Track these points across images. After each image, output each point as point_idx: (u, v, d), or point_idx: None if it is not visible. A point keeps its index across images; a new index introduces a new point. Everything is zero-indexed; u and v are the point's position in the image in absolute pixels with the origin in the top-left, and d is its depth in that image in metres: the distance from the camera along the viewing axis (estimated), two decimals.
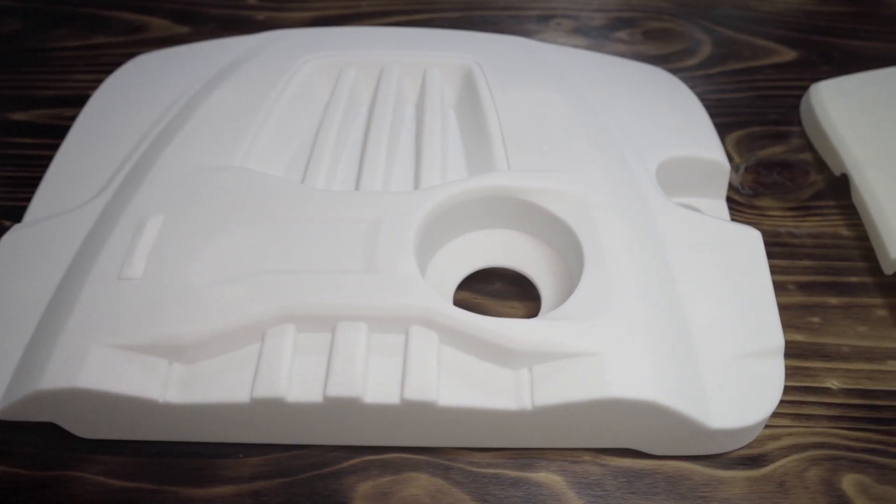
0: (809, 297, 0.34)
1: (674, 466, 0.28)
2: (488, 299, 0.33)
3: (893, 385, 0.31)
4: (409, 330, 0.26)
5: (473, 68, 0.37)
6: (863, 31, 0.50)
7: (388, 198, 0.29)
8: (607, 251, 0.28)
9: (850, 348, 0.32)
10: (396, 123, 0.35)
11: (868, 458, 0.29)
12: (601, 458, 0.28)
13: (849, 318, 0.33)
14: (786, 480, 0.28)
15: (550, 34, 0.49)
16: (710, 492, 0.28)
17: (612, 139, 0.34)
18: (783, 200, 0.38)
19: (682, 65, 0.47)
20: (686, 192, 0.35)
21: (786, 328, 0.33)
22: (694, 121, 0.36)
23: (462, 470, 0.28)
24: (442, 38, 0.40)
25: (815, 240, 0.37)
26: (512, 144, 0.32)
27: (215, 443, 0.28)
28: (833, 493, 0.28)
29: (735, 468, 0.28)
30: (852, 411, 0.30)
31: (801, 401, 0.30)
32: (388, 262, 0.27)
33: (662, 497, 0.27)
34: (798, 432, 0.29)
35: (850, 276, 0.35)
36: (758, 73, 0.47)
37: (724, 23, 0.50)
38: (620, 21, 0.50)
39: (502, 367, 0.26)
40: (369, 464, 0.28)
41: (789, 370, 0.31)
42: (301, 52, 0.38)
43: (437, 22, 0.49)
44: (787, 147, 0.41)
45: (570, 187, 0.30)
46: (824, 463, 0.28)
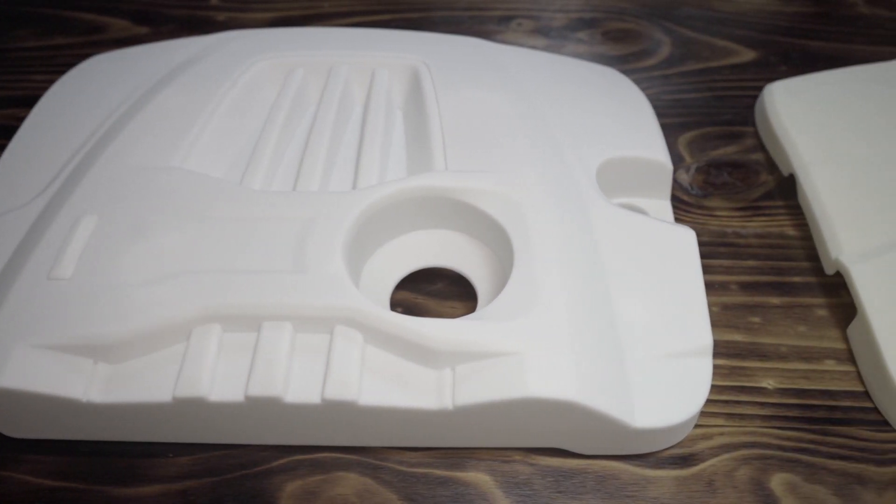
0: (751, 297, 0.34)
1: (603, 466, 0.28)
2: (429, 299, 0.33)
3: (829, 385, 0.31)
4: (334, 330, 0.26)
5: (421, 69, 0.37)
6: (824, 31, 0.50)
7: (320, 198, 0.29)
8: (536, 251, 0.28)
9: (789, 348, 0.32)
10: (340, 124, 0.35)
11: (798, 458, 0.29)
12: (531, 458, 0.28)
13: (789, 318, 0.33)
14: (714, 480, 0.28)
15: (511, 35, 0.49)
16: (638, 491, 0.28)
17: (554, 139, 0.34)
18: (732, 201, 0.39)
19: (640, 65, 0.47)
20: (630, 193, 0.35)
21: (725, 328, 0.33)
22: (640, 122, 0.36)
23: (391, 469, 0.28)
24: (393, 39, 0.40)
25: (761, 240, 0.37)
26: (452, 145, 0.32)
27: (146, 442, 0.28)
28: (761, 493, 0.28)
29: (664, 467, 0.28)
30: (786, 411, 0.30)
31: (736, 400, 0.30)
32: (316, 263, 0.27)
33: (590, 496, 0.27)
34: (730, 432, 0.29)
35: (794, 276, 0.35)
36: (716, 73, 0.47)
37: (686, 23, 0.50)
38: (581, 22, 0.50)
39: (425, 366, 0.26)
40: (299, 463, 0.28)
41: (726, 370, 0.31)
42: (251, 53, 0.38)
43: (397, 22, 0.50)
44: (739, 147, 0.42)
45: (503, 187, 0.30)
46: (754, 462, 0.28)
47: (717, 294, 0.34)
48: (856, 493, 0.28)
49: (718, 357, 0.32)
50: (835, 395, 0.31)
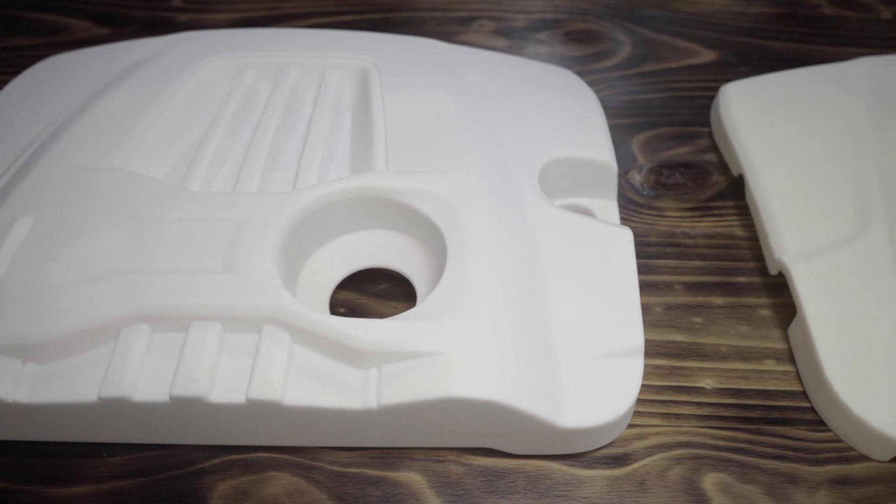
0: (695, 298, 0.34)
1: (536, 466, 0.28)
2: (372, 299, 0.33)
3: (768, 385, 0.31)
4: (263, 330, 0.26)
5: (370, 69, 0.37)
6: (785, 32, 0.50)
7: (255, 199, 0.29)
8: (469, 251, 0.28)
9: (729, 348, 0.32)
10: (286, 125, 0.35)
11: (732, 458, 0.29)
12: (464, 458, 0.28)
13: (732, 318, 0.33)
14: (647, 479, 0.28)
15: (472, 35, 0.49)
16: (569, 491, 0.28)
17: (498, 140, 0.34)
18: (683, 201, 0.39)
19: (599, 66, 0.47)
20: (576, 193, 0.35)
21: (667, 328, 0.33)
22: (588, 122, 0.36)
23: (324, 469, 0.28)
24: (345, 40, 0.40)
25: (708, 240, 0.37)
26: (394, 145, 0.32)
27: (82, 442, 0.28)
28: (693, 492, 0.28)
29: (597, 467, 0.28)
30: (723, 410, 0.30)
31: (673, 400, 0.30)
32: (246, 263, 0.27)
33: (521, 496, 0.27)
34: (666, 431, 0.29)
35: (739, 277, 0.35)
36: (674, 74, 0.47)
37: (648, 24, 0.51)
38: (543, 22, 0.50)
39: (352, 367, 0.26)
40: (232, 463, 0.28)
41: (665, 370, 0.31)
42: (202, 55, 0.38)
43: (359, 23, 0.50)
44: (693, 148, 0.42)
45: (440, 187, 0.30)
46: (688, 462, 0.29)
47: (661, 294, 0.34)
48: (787, 493, 0.28)
49: (658, 357, 0.32)
50: (773, 395, 0.31)
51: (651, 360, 0.32)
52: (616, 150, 0.41)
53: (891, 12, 0.53)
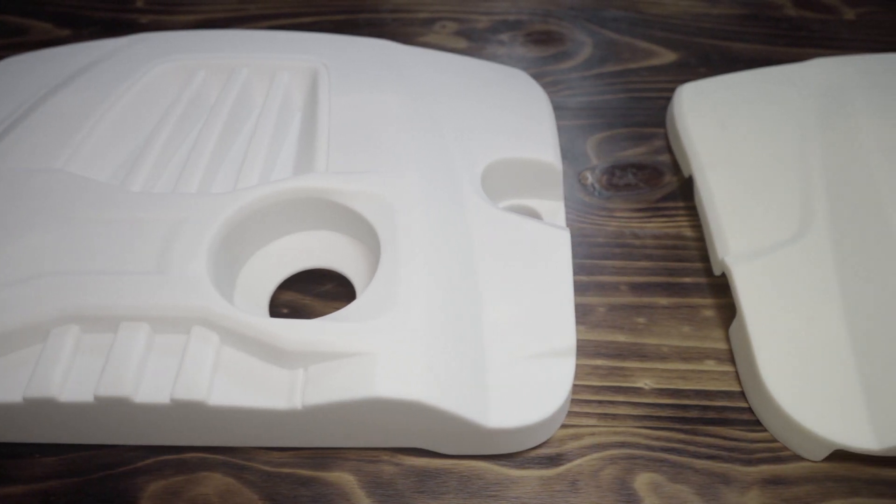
0: (640, 298, 0.34)
1: (469, 466, 0.28)
2: (316, 300, 0.33)
3: (706, 385, 0.31)
4: (191, 330, 0.26)
5: (320, 70, 0.37)
6: (748, 33, 0.51)
7: (191, 200, 0.30)
8: (401, 252, 0.28)
9: (670, 348, 0.32)
10: (233, 126, 0.35)
11: (666, 458, 0.29)
12: (398, 458, 0.28)
13: (675, 319, 0.33)
14: (579, 479, 0.28)
15: (433, 37, 0.49)
16: (500, 490, 0.28)
17: (442, 141, 0.34)
18: (634, 202, 0.39)
19: (559, 67, 0.47)
20: (522, 194, 0.35)
21: (609, 329, 0.33)
22: (535, 124, 0.36)
23: (256, 469, 0.28)
24: (299, 41, 0.40)
25: (657, 241, 0.37)
26: (336, 146, 0.32)
27: (13, 443, 0.28)
28: (624, 492, 0.28)
29: (530, 467, 0.28)
30: (659, 411, 0.30)
31: (611, 401, 0.31)
32: (178, 264, 0.27)
33: (451, 496, 0.27)
34: (601, 432, 0.30)
35: (685, 277, 0.35)
36: (634, 75, 0.47)
37: (610, 25, 0.51)
38: (505, 24, 0.50)
39: (280, 367, 0.26)
40: (164, 464, 0.28)
41: (604, 370, 0.32)
42: (153, 56, 0.38)
43: (322, 24, 0.50)
44: (648, 149, 0.42)
45: (376, 188, 0.30)
46: (621, 462, 0.29)
47: (605, 295, 0.34)
48: (719, 493, 0.28)
49: (599, 358, 0.32)
50: (711, 395, 0.31)
51: (591, 361, 0.32)
52: (570, 150, 0.41)
53: (854, 13, 0.53)
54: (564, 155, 0.41)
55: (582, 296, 0.34)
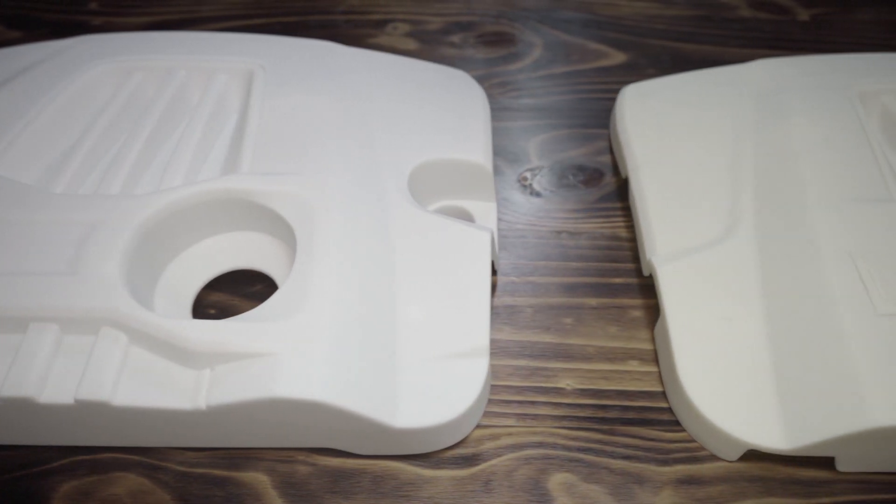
0: (569, 299, 0.34)
1: (384, 466, 0.28)
2: (244, 301, 0.33)
3: (629, 385, 0.31)
4: (100, 331, 0.26)
5: (256, 72, 0.37)
6: (700, 34, 0.51)
7: (109, 201, 0.30)
8: (316, 253, 0.28)
9: (596, 349, 0.32)
10: (164, 127, 0.35)
11: (582, 458, 0.29)
12: (313, 458, 0.28)
13: (602, 320, 0.33)
14: (492, 479, 0.28)
15: (384, 38, 0.49)
16: (413, 491, 0.28)
17: (371, 143, 0.34)
18: (572, 202, 0.39)
19: (508, 68, 0.47)
20: (454, 195, 0.36)
21: (536, 329, 0.33)
22: (469, 125, 0.36)
23: (170, 469, 0.28)
24: (239, 43, 0.40)
25: (591, 241, 0.37)
26: (263, 147, 0.33)
27: None
28: (536, 492, 0.28)
29: (445, 467, 0.28)
30: (579, 411, 0.30)
31: (531, 401, 0.31)
32: (89, 265, 0.27)
33: (363, 496, 0.28)
34: (519, 432, 0.30)
35: (616, 278, 0.35)
36: (582, 76, 0.47)
37: (562, 27, 0.51)
38: (457, 25, 0.51)
39: (186, 367, 0.26)
40: (78, 464, 0.28)
41: (527, 371, 0.32)
42: (94, 57, 0.38)
43: (273, 26, 0.50)
44: (590, 150, 0.42)
45: (296, 190, 0.30)
46: (536, 462, 0.29)
47: (535, 295, 0.34)
48: (632, 493, 0.28)
49: (523, 358, 0.32)
50: (632, 395, 0.31)
51: (514, 361, 0.32)
52: (512, 151, 0.41)
53: (808, 14, 0.53)
54: (506, 156, 0.41)
55: (511, 296, 0.34)
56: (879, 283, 0.29)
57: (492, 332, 0.33)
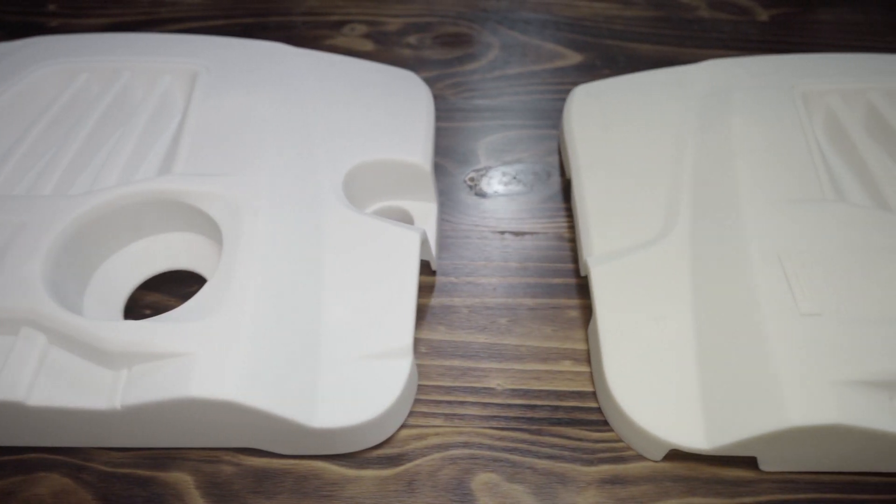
0: (507, 299, 0.34)
1: (309, 466, 0.28)
2: (180, 301, 0.33)
3: (560, 385, 0.31)
4: (20, 331, 0.26)
5: (200, 73, 0.37)
6: (658, 34, 0.51)
7: (39, 202, 0.30)
8: (241, 254, 0.28)
9: (529, 349, 0.32)
10: (104, 128, 0.35)
11: (507, 458, 0.29)
12: (238, 458, 0.29)
13: (538, 320, 0.34)
14: (416, 479, 0.28)
15: (341, 39, 0.49)
16: (335, 490, 0.28)
17: (308, 144, 0.34)
18: (518, 203, 0.39)
19: (463, 69, 0.47)
20: (395, 196, 0.36)
21: (471, 329, 0.33)
22: (411, 126, 0.36)
23: (95, 470, 0.28)
24: (188, 44, 0.40)
25: (534, 242, 0.37)
26: (199, 149, 0.33)
27: None
28: (459, 492, 0.28)
29: (369, 467, 0.28)
30: (508, 411, 0.30)
31: (461, 401, 0.31)
32: (11, 266, 0.27)
33: (285, 496, 0.28)
34: (446, 432, 0.30)
35: (555, 278, 0.35)
36: (536, 77, 0.47)
37: (520, 27, 0.51)
38: (414, 26, 0.51)
39: (105, 367, 0.26)
40: (3, 464, 0.28)
41: (459, 371, 0.32)
42: (42, 59, 0.38)
43: (231, 27, 0.50)
44: (539, 151, 0.42)
45: (226, 191, 0.30)
46: (461, 462, 0.29)
47: (473, 295, 0.34)
48: (555, 492, 0.28)
49: (456, 358, 0.32)
50: (563, 395, 0.31)
51: (447, 361, 0.32)
52: (461, 152, 0.41)
53: (768, 15, 0.53)
54: (454, 157, 0.41)
55: (449, 296, 0.34)
56: (804, 283, 0.29)
57: (426, 332, 0.33)
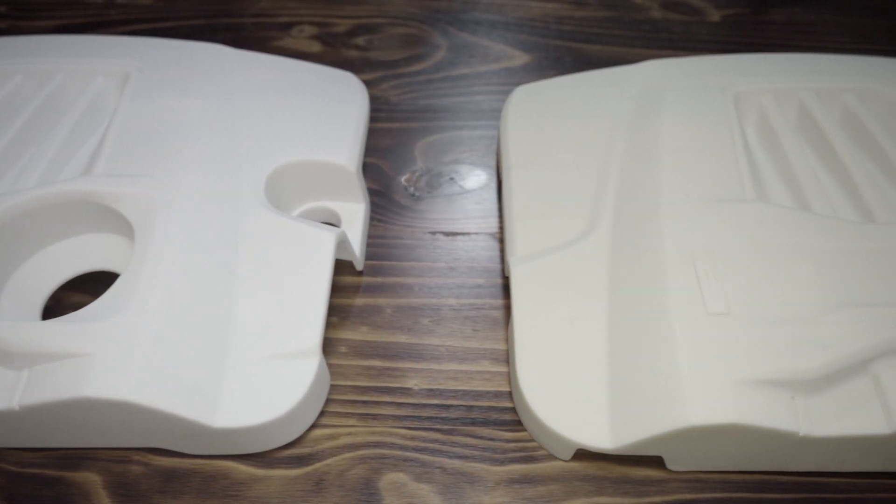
0: (431, 299, 0.34)
1: (218, 466, 0.28)
2: None
3: (476, 385, 0.31)
4: None
5: (133, 74, 0.37)
6: (607, 35, 0.51)
7: None
8: (151, 254, 0.28)
9: (448, 349, 0.32)
10: (31, 130, 0.35)
11: (417, 457, 0.29)
12: (148, 458, 0.29)
13: (460, 320, 0.34)
14: (324, 479, 0.28)
15: (289, 41, 0.49)
16: (243, 490, 0.28)
17: (233, 145, 0.34)
18: (452, 203, 0.39)
19: (408, 70, 0.47)
20: (323, 196, 0.36)
21: (393, 330, 0.33)
22: (339, 127, 0.36)
23: (4, 470, 0.28)
24: (124, 46, 0.40)
25: (463, 242, 0.37)
26: (121, 150, 0.33)
27: None
28: (367, 491, 0.28)
29: (279, 467, 0.29)
30: (423, 411, 0.30)
31: (376, 401, 0.31)
32: None
33: (191, 496, 0.28)
34: (359, 432, 0.30)
35: (481, 278, 0.35)
36: (482, 78, 0.47)
37: (470, 28, 0.51)
38: (363, 27, 0.51)
39: (7, 368, 0.26)
40: None
41: (376, 371, 0.32)
42: None
43: (180, 29, 0.50)
44: (477, 152, 0.42)
45: (142, 192, 0.30)
46: (371, 462, 0.29)
47: (398, 296, 0.34)
48: (462, 492, 0.28)
49: (375, 358, 0.32)
50: (479, 395, 0.31)
51: (366, 362, 0.32)
52: (398, 153, 0.42)
53: (719, 15, 0.53)
54: (392, 158, 0.41)
55: (374, 297, 0.34)
56: (714, 282, 0.29)
57: (348, 332, 0.33)
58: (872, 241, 0.30)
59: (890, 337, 0.27)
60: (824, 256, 0.30)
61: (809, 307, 0.28)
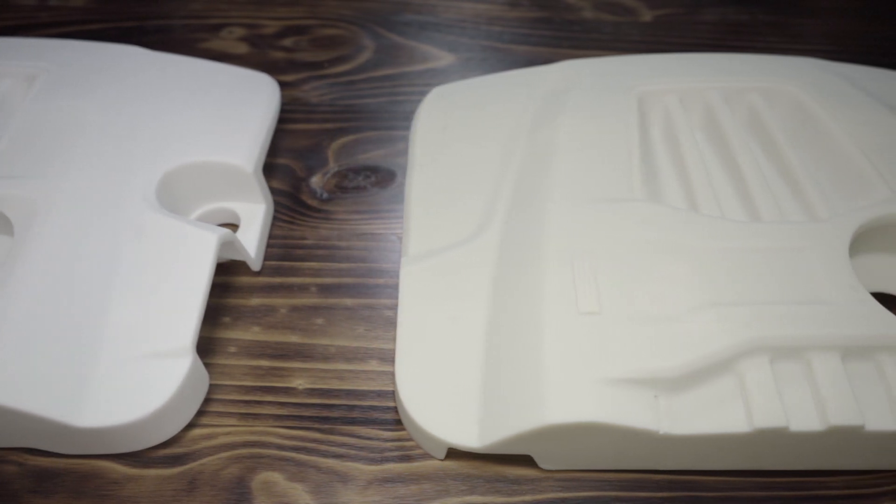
0: (326, 299, 0.34)
1: (92, 465, 0.29)
2: None
3: (361, 385, 0.31)
4: None
5: (39, 76, 0.38)
6: (537, 35, 0.51)
7: None
8: (24, 254, 0.29)
9: (338, 348, 0.33)
10: None
11: (292, 457, 0.29)
12: (24, 458, 0.29)
13: (353, 319, 0.34)
14: (198, 479, 0.28)
15: (216, 42, 0.50)
16: (114, 490, 0.28)
17: (129, 147, 0.34)
18: (357, 204, 0.39)
19: (332, 71, 0.48)
20: (222, 197, 0.36)
21: (284, 329, 0.33)
22: (241, 127, 0.36)
23: None
24: (39, 48, 0.40)
25: (365, 243, 0.37)
26: (14, 151, 0.33)
27: None
28: (238, 491, 0.28)
29: (153, 466, 0.29)
30: (304, 410, 0.31)
31: (259, 401, 0.31)
32: None
33: (61, 496, 0.28)
34: (237, 431, 0.30)
35: (379, 278, 0.35)
36: (404, 79, 0.47)
37: (398, 29, 0.51)
38: (292, 29, 0.51)
39: None
40: None
41: (263, 370, 0.32)
42: None
43: (110, 31, 0.50)
44: (389, 152, 0.42)
45: (26, 193, 0.31)
46: (246, 461, 0.29)
47: (292, 296, 0.34)
48: (333, 491, 0.28)
49: (263, 358, 0.32)
50: (363, 394, 0.31)
51: (253, 362, 0.32)
52: (311, 154, 0.42)
53: (652, 15, 0.53)
54: (304, 158, 0.41)
55: (269, 297, 0.34)
56: (589, 282, 0.29)
57: (239, 332, 0.33)
58: (752, 241, 0.30)
59: (755, 336, 0.27)
60: (702, 256, 0.30)
61: (678, 306, 0.28)
